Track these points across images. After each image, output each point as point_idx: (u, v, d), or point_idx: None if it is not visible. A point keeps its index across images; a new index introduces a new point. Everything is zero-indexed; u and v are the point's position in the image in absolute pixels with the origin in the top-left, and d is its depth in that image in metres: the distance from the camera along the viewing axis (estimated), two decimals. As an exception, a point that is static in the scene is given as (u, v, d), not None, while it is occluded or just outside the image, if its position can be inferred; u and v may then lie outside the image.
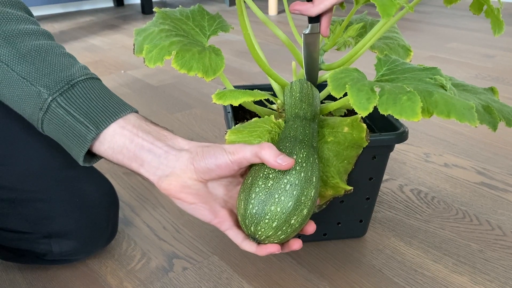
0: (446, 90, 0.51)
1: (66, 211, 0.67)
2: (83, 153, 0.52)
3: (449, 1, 0.63)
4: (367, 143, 0.60)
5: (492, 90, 0.61)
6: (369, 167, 0.68)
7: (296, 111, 0.60)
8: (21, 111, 0.54)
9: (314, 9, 0.61)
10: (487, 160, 1.03)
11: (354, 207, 0.74)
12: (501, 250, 0.76)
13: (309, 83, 0.63)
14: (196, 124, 1.23)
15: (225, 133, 0.61)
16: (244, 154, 0.51)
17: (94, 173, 0.72)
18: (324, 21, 0.64)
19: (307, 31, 0.65)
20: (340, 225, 0.76)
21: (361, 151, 0.61)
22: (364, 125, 0.60)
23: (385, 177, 0.96)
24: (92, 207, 0.69)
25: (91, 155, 0.55)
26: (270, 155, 0.50)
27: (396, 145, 0.69)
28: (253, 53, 0.63)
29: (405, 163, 1.03)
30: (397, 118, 0.48)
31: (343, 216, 0.75)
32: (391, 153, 0.71)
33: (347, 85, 0.49)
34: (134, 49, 0.65)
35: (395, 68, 0.57)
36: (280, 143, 0.55)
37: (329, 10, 0.63)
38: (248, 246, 0.53)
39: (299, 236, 0.59)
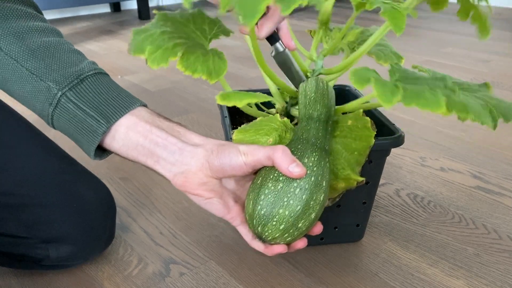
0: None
1: (63, 216, 0.67)
2: (94, 147, 0.53)
3: (436, 7, 0.64)
4: (375, 132, 0.60)
5: (486, 85, 0.62)
6: (366, 171, 0.69)
7: (310, 111, 0.59)
8: (31, 107, 0.54)
9: (260, 34, 0.61)
10: (483, 164, 1.04)
11: (351, 212, 0.74)
12: (497, 254, 0.76)
13: (324, 81, 0.62)
14: (193, 128, 1.23)
15: (232, 133, 0.61)
16: (258, 157, 0.51)
17: (91, 178, 0.72)
18: (283, 36, 0.64)
19: (273, 53, 0.65)
20: (337, 229, 0.76)
21: (373, 142, 0.60)
22: (367, 117, 0.60)
23: (381, 181, 0.96)
24: (90, 212, 0.69)
25: (102, 150, 0.55)
26: (283, 160, 0.50)
27: (392, 150, 0.70)
28: (259, 60, 0.63)
29: (401, 167, 1.03)
30: (421, 110, 0.48)
31: (340, 221, 0.75)
32: (388, 158, 0.71)
33: (371, 78, 0.50)
34: (129, 49, 0.64)
35: (408, 75, 0.58)
36: (292, 144, 0.55)
37: (282, 26, 0.63)
38: (257, 245, 0.54)
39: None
